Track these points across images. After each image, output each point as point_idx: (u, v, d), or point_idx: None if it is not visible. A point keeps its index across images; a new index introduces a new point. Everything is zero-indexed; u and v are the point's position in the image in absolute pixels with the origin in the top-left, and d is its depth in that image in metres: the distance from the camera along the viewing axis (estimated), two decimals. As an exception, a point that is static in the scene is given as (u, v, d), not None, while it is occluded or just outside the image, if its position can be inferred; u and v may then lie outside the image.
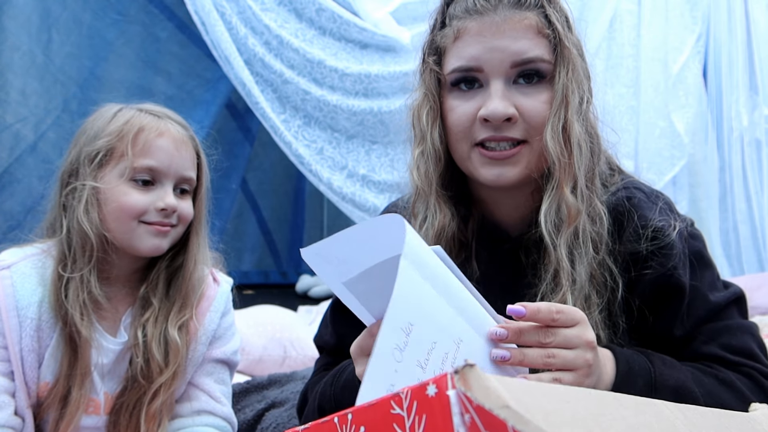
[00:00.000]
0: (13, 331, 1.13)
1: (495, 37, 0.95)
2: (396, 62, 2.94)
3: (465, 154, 0.99)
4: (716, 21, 3.58)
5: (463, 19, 0.98)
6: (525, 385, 0.44)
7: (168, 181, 1.20)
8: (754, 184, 3.57)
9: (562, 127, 0.94)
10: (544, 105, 0.95)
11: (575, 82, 0.95)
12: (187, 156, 1.23)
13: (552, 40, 0.96)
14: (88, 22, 2.45)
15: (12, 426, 1.12)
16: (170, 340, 1.18)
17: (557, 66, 0.95)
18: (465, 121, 0.97)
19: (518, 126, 0.95)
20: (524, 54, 0.94)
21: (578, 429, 0.43)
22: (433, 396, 0.40)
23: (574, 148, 0.93)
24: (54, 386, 1.14)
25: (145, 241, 1.18)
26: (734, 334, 0.96)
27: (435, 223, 1.01)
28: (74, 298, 1.13)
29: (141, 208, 1.17)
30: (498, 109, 0.93)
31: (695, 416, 0.55)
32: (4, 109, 2.28)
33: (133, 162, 1.17)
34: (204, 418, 1.24)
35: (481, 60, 0.95)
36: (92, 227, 1.16)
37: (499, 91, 0.94)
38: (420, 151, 1.03)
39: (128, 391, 1.18)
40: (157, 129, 1.20)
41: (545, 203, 0.94)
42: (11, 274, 1.16)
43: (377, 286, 0.67)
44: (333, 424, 0.46)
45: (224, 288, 1.32)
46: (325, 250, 0.67)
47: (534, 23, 0.95)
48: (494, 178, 0.96)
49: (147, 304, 1.22)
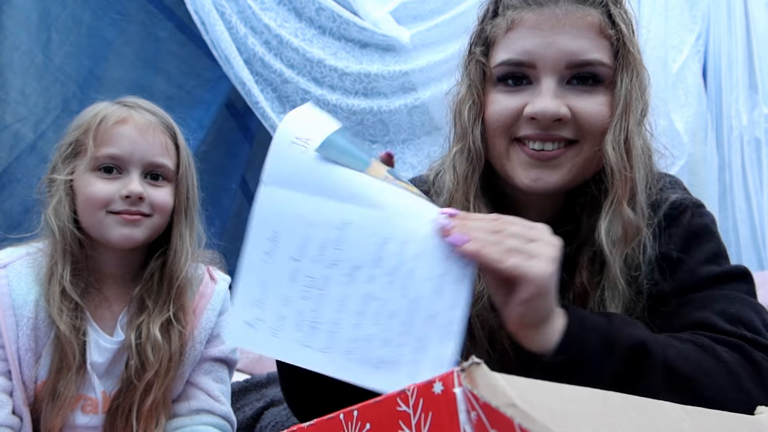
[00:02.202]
0: (9, 330, 1.13)
1: (553, 32, 0.87)
2: (396, 62, 2.94)
3: (503, 150, 0.91)
4: (716, 20, 3.58)
5: (519, 9, 0.90)
6: (532, 384, 0.44)
7: (133, 168, 1.18)
8: (753, 183, 3.57)
9: (624, 137, 0.86)
10: (601, 107, 0.88)
11: (639, 89, 0.88)
12: (156, 142, 1.20)
13: (614, 42, 0.88)
14: (87, 21, 2.44)
15: (10, 425, 1.11)
16: (156, 337, 1.17)
17: (618, 71, 0.88)
18: (506, 117, 0.90)
19: (569, 126, 0.88)
20: (583, 55, 0.87)
21: (585, 428, 0.43)
22: (440, 393, 0.40)
23: (635, 160, 0.87)
24: (45, 383, 1.14)
25: (114, 231, 1.16)
26: (733, 304, 0.86)
27: None
28: (52, 293, 1.13)
29: (104, 196, 1.15)
30: (549, 107, 0.86)
31: (701, 418, 0.55)
32: (4, 108, 2.28)
33: (95, 151, 1.16)
34: (203, 416, 1.24)
35: (535, 55, 0.87)
36: (59, 221, 1.15)
37: (551, 89, 0.87)
38: (459, 149, 0.95)
39: (124, 392, 1.18)
40: (119, 116, 1.18)
41: (605, 218, 0.87)
42: (7, 273, 1.16)
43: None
44: (338, 421, 0.45)
45: (222, 286, 1.32)
46: None
47: (597, 22, 0.88)
48: (531, 182, 0.89)
49: (142, 305, 1.21)
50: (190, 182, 1.26)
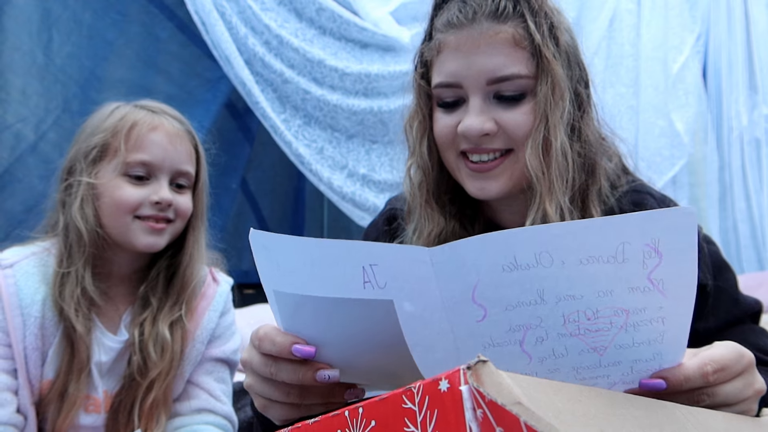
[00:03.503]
0: (17, 330, 1.13)
1: (471, 52, 0.92)
2: (396, 62, 2.94)
3: (453, 164, 0.99)
4: (716, 20, 3.59)
5: (444, 32, 0.96)
6: (537, 383, 0.44)
7: (162, 175, 1.19)
8: (753, 183, 3.58)
9: (542, 140, 0.91)
10: (525, 116, 0.93)
11: (557, 93, 0.92)
12: (183, 150, 1.22)
13: (533, 52, 0.92)
14: (88, 22, 2.44)
15: (14, 423, 1.12)
16: (162, 337, 1.18)
17: (538, 78, 0.92)
18: (448, 134, 0.97)
19: (499, 137, 0.93)
20: (500, 71, 0.92)
21: (590, 428, 0.43)
22: (446, 391, 0.40)
23: (553, 163, 0.91)
24: (54, 383, 1.14)
25: (141, 237, 1.18)
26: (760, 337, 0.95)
27: (424, 233, 1.01)
28: (69, 294, 1.14)
29: (135, 202, 1.17)
30: (473, 125, 0.92)
31: (706, 418, 0.55)
32: (5, 108, 2.27)
33: (126, 157, 1.17)
34: (204, 416, 1.24)
35: (459, 76, 0.93)
36: (86, 224, 1.16)
37: (476, 107, 0.93)
38: (411, 163, 1.04)
39: (126, 390, 1.18)
40: (151, 123, 1.20)
41: (528, 219, 0.92)
42: (14, 272, 1.16)
43: (303, 313, 0.64)
44: (343, 418, 0.45)
45: (223, 287, 1.32)
46: (274, 246, 0.63)
47: (510, 36, 0.92)
48: (477, 191, 0.96)
49: (146, 304, 1.22)
50: (207, 188, 1.29)
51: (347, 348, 0.65)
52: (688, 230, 0.52)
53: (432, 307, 0.57)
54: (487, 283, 0.55)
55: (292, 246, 0.61)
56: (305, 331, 0.65)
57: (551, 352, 0.57)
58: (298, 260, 0.61)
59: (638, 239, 0.52)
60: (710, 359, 0.61)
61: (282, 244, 0.62)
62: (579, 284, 0.54)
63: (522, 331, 0.57)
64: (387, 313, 0.59)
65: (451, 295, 0.56)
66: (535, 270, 0.54)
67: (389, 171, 2.92)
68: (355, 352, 0.65)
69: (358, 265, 0.58)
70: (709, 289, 0.94)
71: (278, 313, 0.67)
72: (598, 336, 0.56)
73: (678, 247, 0.53)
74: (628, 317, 0.55)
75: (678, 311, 0.55)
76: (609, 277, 0.54)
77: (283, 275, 0.63)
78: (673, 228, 0.52)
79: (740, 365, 0.62)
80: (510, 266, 0.54)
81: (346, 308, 0.60)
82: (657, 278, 0.54)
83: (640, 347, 0.57)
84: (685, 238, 0.52)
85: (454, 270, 0.55)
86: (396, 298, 0.58)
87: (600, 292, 0.54)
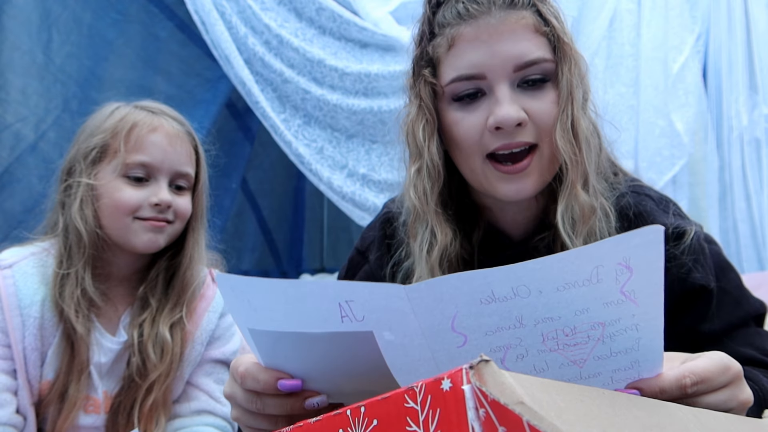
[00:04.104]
0: (16, 330, 1.13)
1: (493, 41, 0.90)
2: (396, 61, 2.93)
3: (478, 168, 0.94)
4: (716, 20, 3.58)
5: (455, 25, 0.93)
6: (540, 383, 0.43)
7: (162, 177, 1.19)
8: (753, 183, 3.57)
9: (570, 124, 0.90)
10: (552, 105, 0.92)
11: (578, 77, 0.93)
12: (183, 151, 1.22)
13: (551, 38, 0.93)
14: (88, 21, 2.44)
15: (13, 424, 1.12)
16: (162, 338, 1.18)
17: (559, 64, 0.92)
18: (474, 133, 0.92)
19: (529, 129, 0.91)
20: (527, 56, 0.90)
21: (592, 428, 0.43)
22: (448, 390, 0.40)
23: (583, 144, 0.91)
24: (53, 384, 1.14)
25: (141, 237, 1.18)
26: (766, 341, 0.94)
27: (436, 244, 0.97)
28: (69, 295, 1.14)
29: (134, 203, 1.17)
30: (510, 114, 0.89)
31: (708, 419, 0.55)
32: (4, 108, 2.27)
33: (126, 158, 1.17)
34: (204, 417, 1.24)
35: (483, 66, 0.91)
36: (85, 225, 1.16)
37: (506, 96, 0.90)
38: (416, 168, 0.98)
39: (125, 391, 1.18)
40: (150, 124, 1.20)
41: (561, 204, 0.91)
42: (13, 273, 1.16)
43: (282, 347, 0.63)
44: (345, 417, 0.45)
45: (223, 289, 1.32)
46: (243, 287, 0.61)
47: (531, 22, 0.92)
48: (513, 193, 0.93)
49: (145, 304, 1.22)
50: (206, 189, 1.28)
51: (332, 376, 0.64)
52: (655, 245, 0.54)
53: (411, 335, 0.57)
54: (465, 314, 0.56)
55: (262, 287, 0.60)
56: (287, 364, 0.65)
57: (532, 367, 0.59)
58: (271, 299, 0.60)
59: (611, 261, 0.54)
60: (690, 371, 0.61)
61: (251, 285, 0.60)
62: (556, 308, 0.56)
63: (503, 350, 0.58)
64: (368, 342, 0.59)
65: (430, 325, 0.56)
66: (513, 301, 0.55)
67: (389, 171, 2.91)
68: (340, 378, 0.64)
69: (334, 302, 0.57)
70: (713, 291, 0.93)
71: (256, 349, 0.66)
72: (577, 349, 0.58)
73: (647, 260, 0.54)
74: (604, 329, 0.57)
75: (650, 316, 0.57)
76: (585, 297, 0.55)
77: (256, 313, 0.61)
78: (642, 245, 0.54)
79: (724, 378, 0.62)
80: (488, 299, 0.55)
81: (326, 340, 0.60)
82: (629, 290, 0.55)
83: (617, 356, 0.58)
84: (653, 253, 0.54)
85: (432, 304, 0.56)
86: (375, 329, 0.58)
87: (577, 311, 0.56)
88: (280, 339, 0.62)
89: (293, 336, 0.61)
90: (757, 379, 0.86)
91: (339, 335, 0.59)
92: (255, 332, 0.63)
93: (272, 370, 0.65)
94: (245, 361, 0.68)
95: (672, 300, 0.91)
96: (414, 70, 1.01)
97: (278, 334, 0.62)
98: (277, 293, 0.60)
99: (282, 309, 0.60)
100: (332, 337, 0.59)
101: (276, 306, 0.60)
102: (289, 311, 0.60)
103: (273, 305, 0.60)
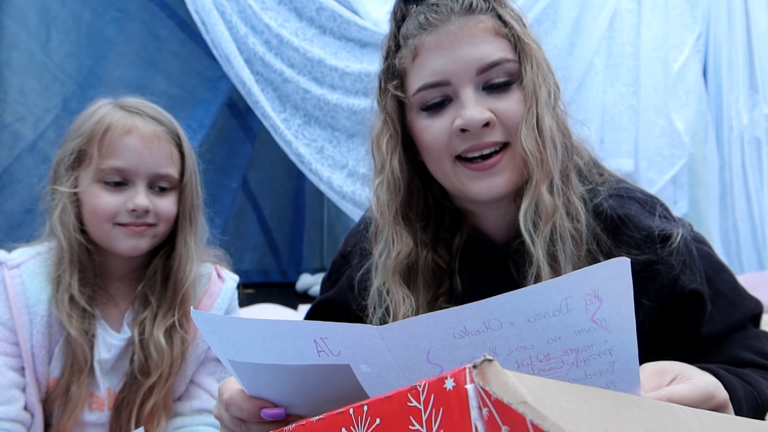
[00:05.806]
0: (24, 328, 1.13)
1: (454, 46, 0.91)
2: (396, 61, 2.94)
3: (449, 171, 0.95)
4: (716, 20, 3.58)
5: (418, 35, 0.94)
6: (542, 383, 0.43)
7: (139, 180, 1.17)
8: (754, 182, 3.57)
9: (535, 123, 0.91)
10: (518, 105, 0.92)
11: (541, 76, 0.93)
12: (160, 152, 1.19)
13: (511, 39, 0.93)
14: (87, 20, 2.43)
15: (21, 420, 1.12)
16: (161, 342, 1.18)
17: (522, 64, 0.92)
18: (441, 137, 0.93)
19: (498, 129, 0.92)
20: (489, 58, 0.91)
21: (595, 428, 0.43)
22: (451, 389, 0.40)
23: (548, 143, 0.91)
24: (59, 381, 1.15)
25: (122, 243, 1.16)
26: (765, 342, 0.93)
27: (392, 253, 0.98)
28: (60, 299, 1.14)
29: (111, 210, 1.15)
30: (474, 116, 0.90)
31: (711, 421, 0.55)
32: (3, 108, 2.27)
33: (100, 164, 1.15)
34: (205, 417, 1.24)
35: (446, 72, 0.92)
36: (66, 232, 1.15)
37: (471, 98, 0.91)
38: (379, 181, 0.99)
39: (129, 388, 1.18)
40: (124, 127, 1.17)
41: (524, 203, 0.91)
42: (20, 272, 1.16)
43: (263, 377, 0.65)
44: (348, 416, 0.45)
45: (229, 285, 1.31)
46: (219, 324, 0.63)
47: (491, 25, 0.93)
48: (486, 191, 0.93)
49: (146, 302, 1.22)
50: (194, 188, 1.26)
51: (314, 402, 0.65)
52: (622, 276, 0.55)
53: (388, 367, 0.58)
54: (440, 348, 0.57)
55: (238, 325, 0.62)
56: (269, 392, 0.66)
57: None
58: (248, 335, 0.62)
59: (579, 292, 0.55)
60: (668, 398, 0.61)
61: (226, 324, 0.62)
62: (529, 337, 0.57)
63: None
64: (346, 372, 0.60)
65: (405, 359, 0.58)
66: (486, 334, 0.56)
67: (389, 170, 2.91)
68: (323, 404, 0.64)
69: (309, 339, 0.59)
70: (705, 295, 0.92)
71: (238, 378, 0.67)
72: (552, 374, 0.59)
73: (615, 291, 0.55)
74: (577, 354, 0.58)
75: (623, 341, 0.57)
76: (556, 327, 0.56)
77: (234, 347, 0.63)
78: (609, 277, 0.55)
79: (705, 407, 0.63)
80: (461, 334, 0.56)
81: (306, 372, 0.61)
82: (599, 318, 0.56)
83: (592, 378, 0.59)
84: (621, 284, 0.55)
85: (406, 341, 0.56)
86: (352, 362, 0.59)
87: (549, 339, 0.57)
88: (261, 370, 0.64)
89: (273, 368, 0.62)
90: (756, 383, 0.86)
91: (317, 367, 0.60)
92: (235, 363, 0.65)
93: (256, 399, 0.67)
94: (230, 387, 0.70)
95: (663, 304, 0.91)
96: (380, 84, 1.01)
97: (258, 366, 0.63)
98: (253, 330, 0.61)
99: (260, 344, 0.61)
100: (311, 369, 0.60)
101: (254, 341, 0.61)
102: (267, 346, 0.61)
103: (251, 341, 0.61)
